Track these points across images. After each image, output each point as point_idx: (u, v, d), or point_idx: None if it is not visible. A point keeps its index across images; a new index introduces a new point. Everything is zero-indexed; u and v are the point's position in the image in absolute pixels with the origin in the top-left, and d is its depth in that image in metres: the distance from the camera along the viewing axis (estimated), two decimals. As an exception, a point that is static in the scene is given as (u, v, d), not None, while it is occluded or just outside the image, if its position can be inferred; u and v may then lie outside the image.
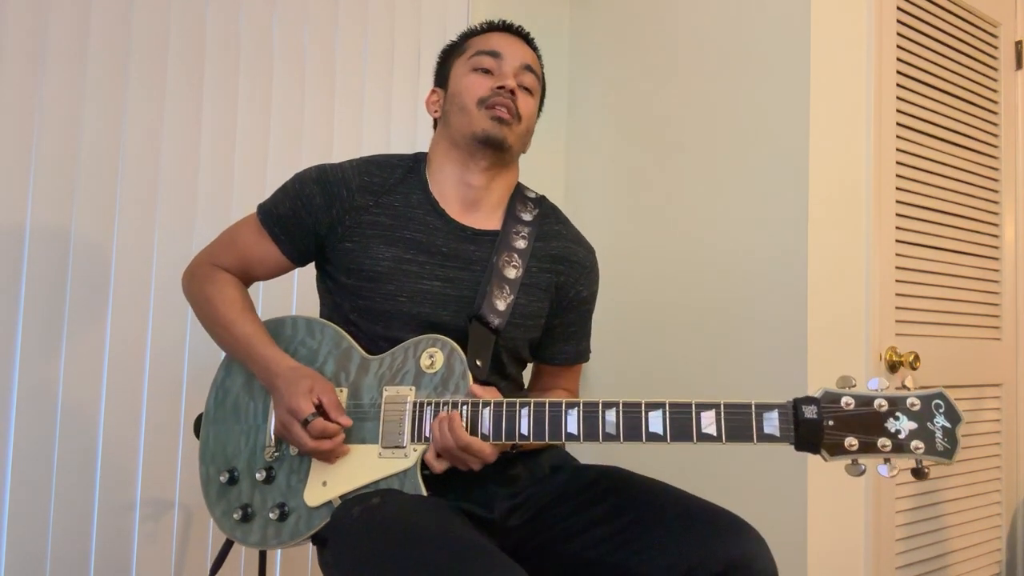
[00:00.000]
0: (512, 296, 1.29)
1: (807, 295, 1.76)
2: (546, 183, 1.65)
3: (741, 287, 1.90)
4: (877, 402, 1.03)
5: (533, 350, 1.41)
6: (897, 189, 1.96)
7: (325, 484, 1.21)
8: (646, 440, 1.08)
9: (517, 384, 1.40)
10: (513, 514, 1.26)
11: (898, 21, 1.98)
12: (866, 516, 1.85)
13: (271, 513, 1.23)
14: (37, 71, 1.63)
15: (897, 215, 1.95)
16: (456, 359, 1.22)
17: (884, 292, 1.90)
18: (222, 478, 1.29)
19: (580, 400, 1.13)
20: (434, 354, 1.23)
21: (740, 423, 1.05)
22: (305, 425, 1.17)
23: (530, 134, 1.37)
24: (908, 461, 1.03)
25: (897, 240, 1.95)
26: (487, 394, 1.18)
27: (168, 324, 1.77)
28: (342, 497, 1.19)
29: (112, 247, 1.72)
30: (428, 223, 1.30)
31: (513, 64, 1.32)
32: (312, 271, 1.40)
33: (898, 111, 1.97)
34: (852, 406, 1.03)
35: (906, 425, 1.02)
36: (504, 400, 1.16)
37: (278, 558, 1.90)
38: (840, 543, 1.80)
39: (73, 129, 1.67)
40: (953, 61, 2.14)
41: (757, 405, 1.05)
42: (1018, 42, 2.35)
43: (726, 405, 1.06)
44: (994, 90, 2.27)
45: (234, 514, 1.26)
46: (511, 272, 1.30)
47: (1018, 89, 2.35)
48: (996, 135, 2.27)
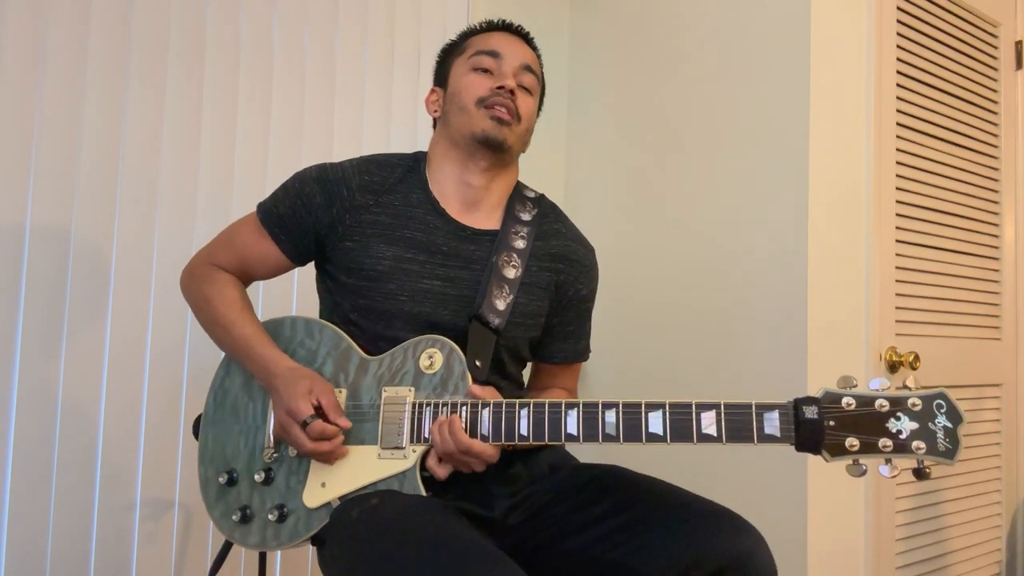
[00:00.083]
0: (512, 296, 1.29)
1: (807, 295, 1.76)
2: (546, 183, 1.65)
3: (741, 287, 1.90)
4: (878, 402, 1.03)
5: (532, 349, 1.41)
6: (897, 189, 1.95)
7: (324, 485, 1.20)
8: (646, 441, 1.08)
9: (517, 383, 1.40)
10: (512, 513, 1.25)
11: (898, 21, 1.98)
12: (866, 516, 1.85)
13: (270, 514, 1.23)
14: (37, 71, 1.63)
15: (897, 215, 1.95)
16: (455, 360, 1.22)
17: (884, 292, 1.90)
18: (221, 479, 1.28)
19: (580, 401, 1.12)
20: (433, 355, 1.23)
21: (740, 424, 1.05)
22: (304, 427, 1.17)
23: (530, 134, 1.36)
24: (909, 461, 1.02)
25: (897, 240, 1.95)
26: (486, 395, 1.18)
27: (168, 324, 1.77)
28: (341, 498, 1.19)
29: (112, 247, 1.71)
30: (428, 222, 1.30)
31: (513, 64, 1.32)
32: (312, 271, 1.39)
33: (898, 111, 1.97)
34: (853, 406, 1.02)
35: (907, 425, 1.01)
36: (503, 401, 1.16)
37: (278, 559, 1.90)
38: (840, 543, 1.80)
39: (73, 129, 1.67)
40: (953, 61, 2.14)
41: (758, 405, 1.05)
42: (1018, 42, 2.35)
43: (726, 405, 1.06)
44: (994, 90, 2.27)
45: (233, 515, 1.26)
46: (510, 272, 1.30)
47: (1018, 89, 2.35)
48: (996, 135, 2.27)
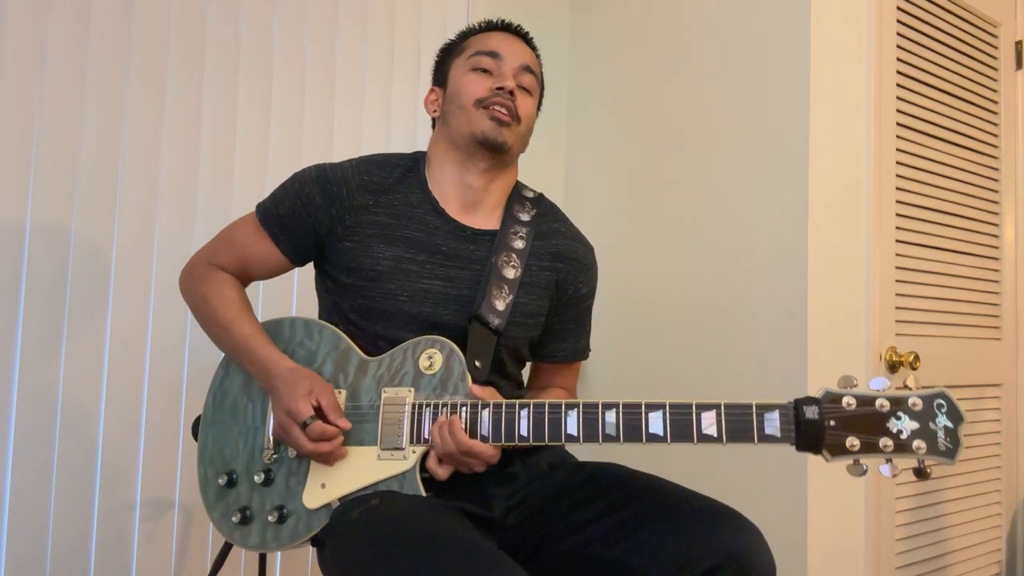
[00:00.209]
0: (511, 296, 1.29)
1: (807, 295, 1.76)
2: (546, 183, 1.65)
3: (741, 287, 1.90)
4: (879, 402, 1.02)
5: (532, 348, 1.40)
6: (897, 189, 1.95)
7: (324, 486, 1.20)
8: (646, 441, 1.08)
9: (517, 383, 1.39)
10: (511, 513, 1.25)
11: (898, 21, 1.98)
12: (866, 516, 1.85)
13: (270, 515, 1.22)
14: (37, 71, 1.63)
15: (897, 215, 1.95)
16: (455, 360, 1.22)
17: (884, 292, 1.90)
18: (220, 480, 1.28)
19: (580, 401, 1.12)
20: (433, 355, 1.23)
21: (741, 424, 1.05)
22: (304, 428, 1.16)
23: (529, 134, 1.36)
24: (910, 461, 1.02)
25: (897, 240, 1.95)
26: (487, 395, 1.18)
27: (168, 324, 1.77)
28: (341, 499, 1.19)
29: (112, 247, 1.71)
30: (428, 222, 1.30)
31: (512, 64, 1.32)
32: (312, 271, 1.39)
33: (898, 111, 1.97)
34: (853, 406, 1.02)
35: (908, 425, 1.01)
36: (503, 402, 1.16)
37: (278, 559, 1.90)
38: (840, 543, 1.80)
39: (73, 129, 1.67)
40: (953, 61, 2.13)
41: (758, 406, 1.05)
42: (1018, 42, 2.35)
43: (727, 406, 1.06)
44: (994, 90, 2.27)
45: (233, 516, 1.25)
46: (510, 272, 1.30)
47: (1018, 89, 2.35)
48: (996, 135, 2.27)
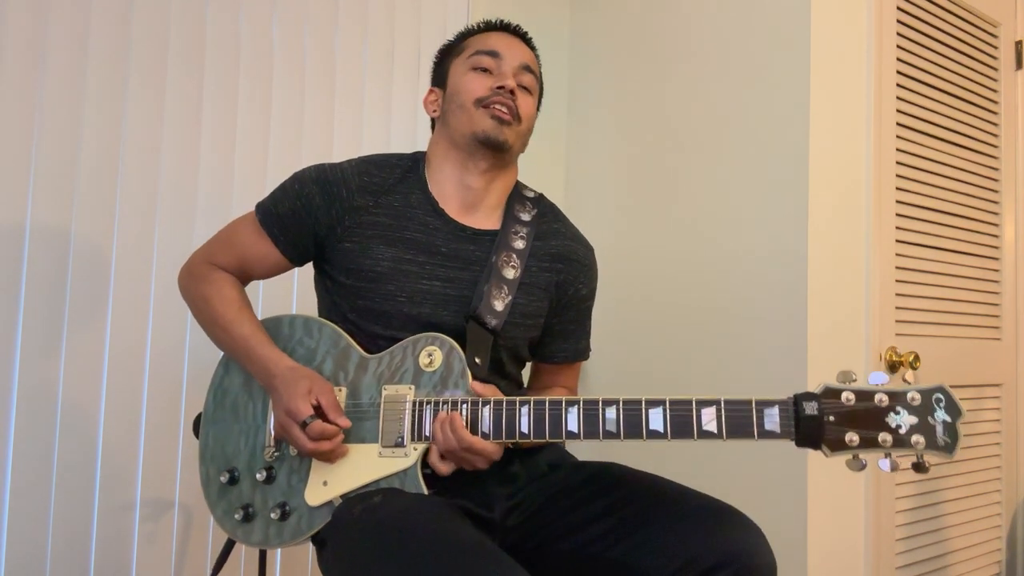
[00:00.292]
0: (510, 296, 1.29)
1: (807, 295, 1.76)
2: (546, 183, 1.65)
3: (741, 287, 1.90)
4: (877, 397, 1.02)
5: (532, 349, 1.40)
6: (897, 189, 1.95)
7: (326, 484, 1.20)
8: (647, 437, 1.08)
9: (516, 383, 1.39)
10: (512, 513, 1.25)
11: (898, 21, 1.98)
12: (866, 515, 1.84)
13: (272, 513, 1.23)
14: (37, 71, 1.63)
15: (897, 215, 1.95)
16: (455, 357, 1.21)
17: (884, 292, 1.90)
18: (222, 478, 1.28)
19: (580, 398, 1.12)
20: (432, 352, 1.23)
21: (740, 419, 1.05)
22: (304, 427, 1.16)
23: (530, 134, 1.36)
24: (909, 456, 1.02)
25: (897, 240, 1.95)
26: (487, 392, 1.18)
27: (168, 324, 1.77)
28: (343, 496, 1.19)
29: (112, 247, 1.71)
30: (428, 223, 1.30)
31: (512, 64, 1.32)
32: (312, 270, 1.39)
33: (898, 111, 1.97)
34: (853, 401, 1.02)
35: (907, 420, 1.01)
36: (504, 398, 1.16)
37: (278, 558, 1.90)
38: (840, 542, 1.80)
39: (73, 129, 1.67)
40: (953, 61, 2.14)
41: (758, 401, 1.05)
42: (1018, 42, 2.35)
43: (726, 402, 1.06)
44: (994, 90, 2.27)
45: (235, 514, 1.26)
46: (509, 272, 1.30)
47: (1018, 89, 2.35)
48: (996, 135, 2.27)
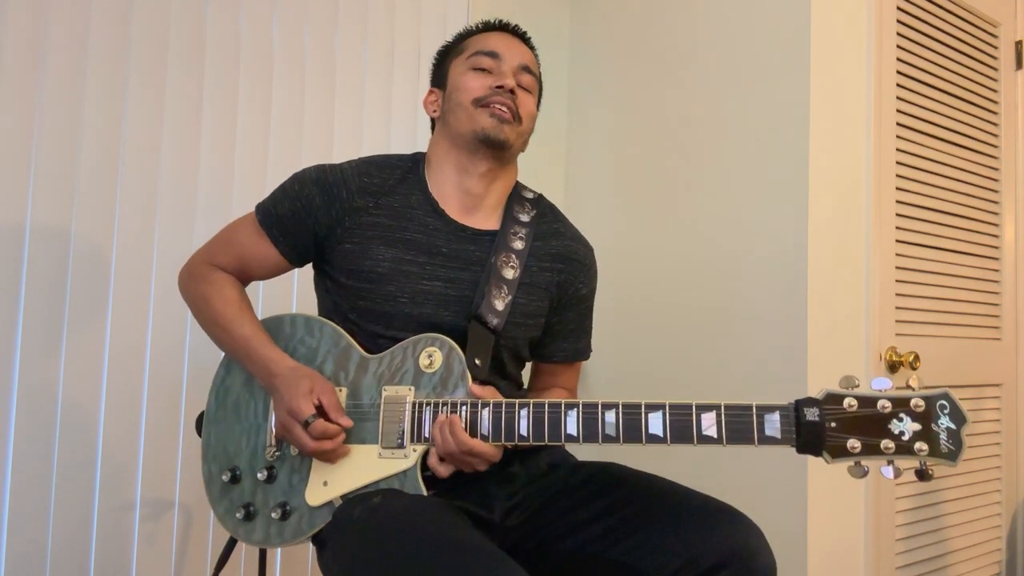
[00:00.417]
0: (510, 296, 1.29)
1: (807, 295, 1.76)
2: (546, 183, 1.65)
3: (741, 287, 1.90)
4: (880, 403, 1.02)
5: (532, 348, 1.40)
6: (897, 189, 1.95)
7: (326, 484, 1.21)
8: (646, 442, 1.08)
9: (516, 383, 1.39)
10: (512, 513, 1.25)
11: (898, 21, 1.98)
12: (866, 516, 1.85)
13: (273, 512, 1.23)
14: (37, 71, 1.63)
15: (897, 215, 1.95)
16: (455, 358, 1.22)
17: (884, 292, 1.90)
18: (224, 477, 1.29)
19: (579, 401, 1.12)
20: (433, 353, 1.23)
21: (741, 425, 1.05)
22: (306, 426, 1.17)
23: (530, 134, 1.36)
24: (912, 463, 1.01)
25: (897, 240, 1.95)
26: (487, 394, 1.18)
27: (168, 324, 1.77)
28: (343, 497, 1.19)
29: (112, 247, 1.71)
30: (428, 224, 1.30)
31: (512, 64, 1.32)
32: (312, 270, 1.39)
33: (898, 111, 1.97)
34: (855, 407, 1.02)
35: (910, 427, 1.00)
36: (503, 401, 1.16)
37: (278, 557, 1.90)
38: (840, 542, 1.80)
39: (73, 129, 1.67)
40: (953, 61, 2.13)
41: (758, 407, 1.04)
42: (1018, 42, 2.35)
43: (727, 407, 1.05)
44: (994, 90, 2.27)
45: (236, 513, 1.26)
46: (509, 272, 1.30)
47: (1018, 89, 2.35)
48: (996, 135, 2.27)
